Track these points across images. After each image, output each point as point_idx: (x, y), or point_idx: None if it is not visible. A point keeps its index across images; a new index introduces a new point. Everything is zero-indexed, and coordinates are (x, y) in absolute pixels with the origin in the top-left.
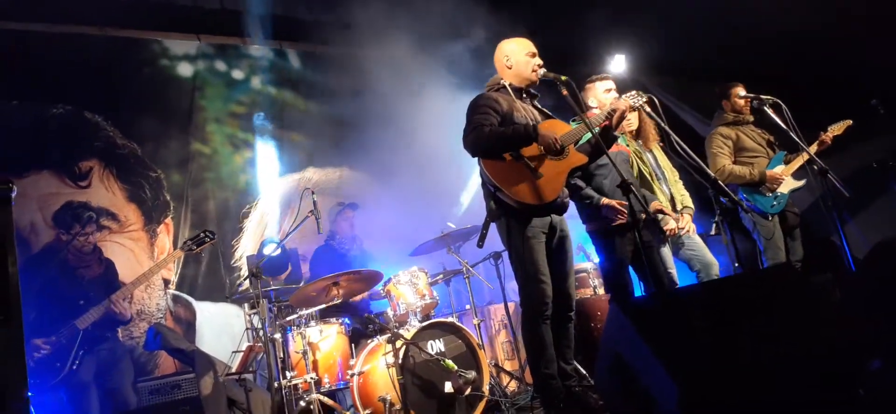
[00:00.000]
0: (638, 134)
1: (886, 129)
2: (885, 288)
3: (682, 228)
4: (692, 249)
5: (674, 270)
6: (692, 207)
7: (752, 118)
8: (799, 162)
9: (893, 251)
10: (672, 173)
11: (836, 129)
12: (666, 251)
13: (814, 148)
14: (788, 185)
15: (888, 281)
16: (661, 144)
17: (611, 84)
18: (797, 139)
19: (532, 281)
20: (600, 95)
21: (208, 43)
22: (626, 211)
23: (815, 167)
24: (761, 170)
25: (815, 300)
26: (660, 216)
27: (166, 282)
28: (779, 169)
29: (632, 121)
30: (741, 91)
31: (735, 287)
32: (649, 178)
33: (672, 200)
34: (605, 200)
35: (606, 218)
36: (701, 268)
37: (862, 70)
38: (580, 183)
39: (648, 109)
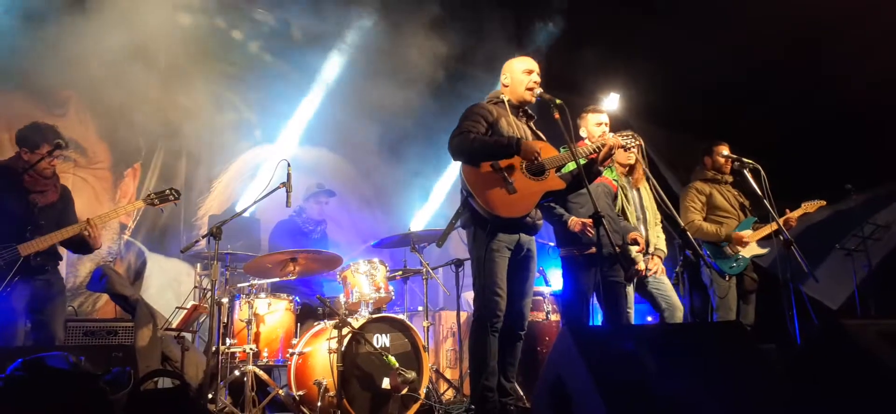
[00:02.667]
0: (630, 170)
1: (853, 213)
2: (824, 365)
3: (651, 270)
4: (659, 288)
5: (631, 310)
6: (664, 250)
7: (730, 178)
8: (767, 230)
9: (839, 333)
10: (654, 216)
11: (809, 206)
12: (629, 290)
13: (782, 220)
14: (752, 250)
15: (829, 360)
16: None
17: (604, 118)
18: (769, 207)
19: (488, 292)
20: (591, 127)
21: None
22: (593, 232)
23: (781, 237)
24: (729, 230)
25: (758, 364)
26: (631, 248)
27: (123, 226)
28: (746, 233)
29: (630, 156)
30: (725, 150)
31: (685, 334)
32: (629, 216)
33: (646, 243)
34: (573, 219)
35: (578, 240)
36: (667, 307)
37: (845, 153)
38: (554, 204)
39: (636, 153)
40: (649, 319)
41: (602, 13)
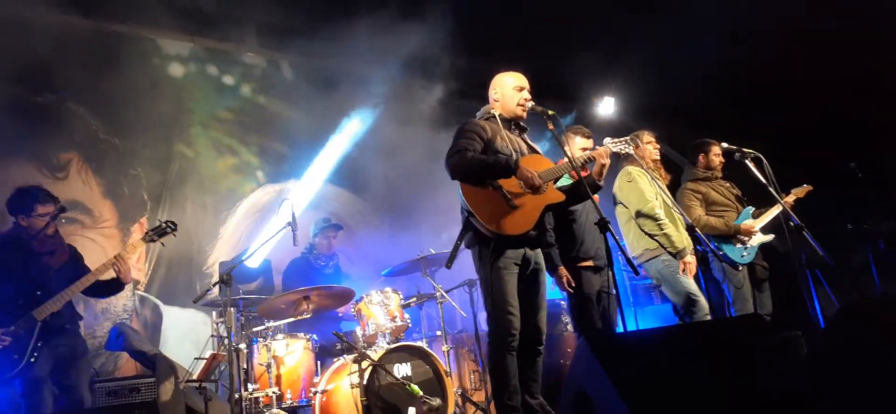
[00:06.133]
0: (656, 166)
1: (861, 193)
2: (847, 349)
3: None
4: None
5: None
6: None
7: (721, 174)
8: (769, 215)
9: (856, 315)
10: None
11: (798, 193)
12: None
13: (789, 204)
14: (758, 238)
15: (851, 343)
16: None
17: (589, 143)
18: (775, 194)
19: (499, 311)
20: (576, 151)
21: (202, 46)
22: (570, 288)
23: (791, 223)
24: (733, 222)
25: (781, 352)
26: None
27: (136, 282)
28: (748, 222)
29: (655, 153)
30: (718, 150)
31: (704, 332)
32: (669, 212)
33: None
34: (563, 270)
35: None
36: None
37: (844, 131)
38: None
39: (634, 155)
40: None
41: (594, 16)
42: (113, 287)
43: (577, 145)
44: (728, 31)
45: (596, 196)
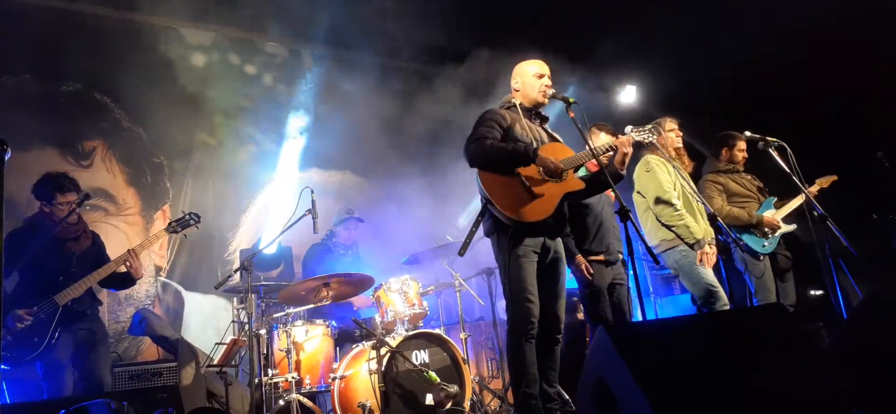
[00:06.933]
0: (678, 155)
1: (889, 182)
2: (870, 340)
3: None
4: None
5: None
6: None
7: (742, 168)
8: (792, 206)
9: (882, 305)
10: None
11: (823, 182)
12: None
13: (813, 193)
14: (780, 228)
15: (874, 334)
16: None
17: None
18: (799, 184)
19: (518, 299)
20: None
21: (224, 35)
22: (592, 277)
23: (815, 213)
24: (756, 213)
25: (803, 344)
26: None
27: (158, 269)
28: (770, 213)
29: (677, 142)
30: (743, 143)
31: (724, 322)
32: (691, 201)
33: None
34: (580, 258)
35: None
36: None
37: (870, 123)
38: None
39: (656, 143)
40: None
41: (617, 5)
42: (126, 281)
43: (602, 142)
44: (755, 25)
45: (612, 194)
